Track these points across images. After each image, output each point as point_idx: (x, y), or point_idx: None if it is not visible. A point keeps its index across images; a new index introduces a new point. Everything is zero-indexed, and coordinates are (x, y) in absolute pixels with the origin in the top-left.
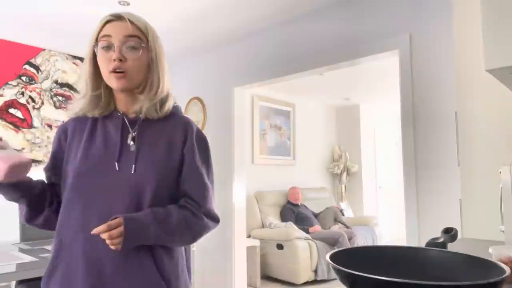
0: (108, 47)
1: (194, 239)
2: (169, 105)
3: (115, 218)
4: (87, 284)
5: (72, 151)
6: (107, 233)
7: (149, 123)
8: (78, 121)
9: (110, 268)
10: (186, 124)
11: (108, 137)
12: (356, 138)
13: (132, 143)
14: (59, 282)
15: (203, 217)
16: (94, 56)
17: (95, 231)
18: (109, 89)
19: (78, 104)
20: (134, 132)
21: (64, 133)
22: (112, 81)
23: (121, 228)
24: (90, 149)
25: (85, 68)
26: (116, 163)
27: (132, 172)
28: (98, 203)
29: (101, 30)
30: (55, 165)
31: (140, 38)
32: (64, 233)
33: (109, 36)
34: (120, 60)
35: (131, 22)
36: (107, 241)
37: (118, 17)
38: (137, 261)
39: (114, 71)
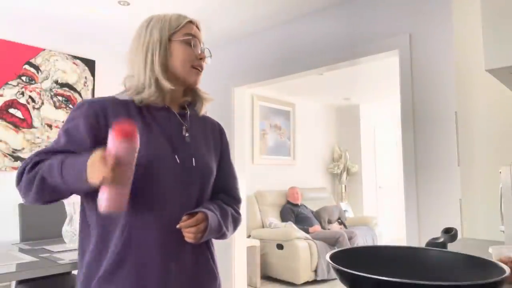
0: (194, 45)
1: (232, 233)
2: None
3: (196, 212)
4: (160, 275)
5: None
6: (196, 227)
7: (192, 119)
8: (117, 103)
9: (182, 259)
10: (220, 125)
11: (165, 128)
12: (356, 138)
13: (187, 134)
14: (126, 276)
15: (240, 214)
16: (161, 46)
17: (183, 224)
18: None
19: (145, 90)
20: (187, 125)
21: (104, 112)
22: (192, 75)
23: (206, 223)
24: (150, 138)
25: (154, 57)
26: (176, 156)
27: (195, 164)
28: (170, 194)
29: (183, 26)
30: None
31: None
32: (132, 225)
33: (194, 36)
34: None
35: (200, 33)
36: (189, 235)
37: (196, 25)
38: (200, 253)
39: (196, 67)
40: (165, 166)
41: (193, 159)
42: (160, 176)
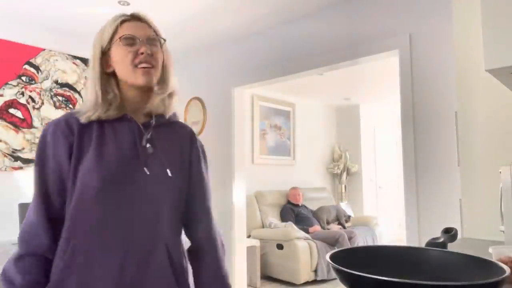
0: (132, 43)
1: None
2: (175, 102)
3: None
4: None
5: (83, 155)
6: None
7: (158, 128)
8: (83, 123)
9: (131, 274)
10: (192, 132)
11: (122, 142)
12: (356, 138)
13: (149, 145)
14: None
15: (216, 240)
16: (101, 58)
17: None
18: (119, 91)
19: (89, 108)
20: (148, 135)
21: (71, 132)
22: (137, 75)
23: None
24: (105, 154)
25: (94, 70)
26: (145, 168)
27: (160, 175)
28: (121, 213)
29: (116, 30)
30: (61, 176)
31: (158, 37)
32: (80, 242)
33: (131, 36)
34: (148, 54)
35: (149, 24)
36: None
37: (136, 18)
38: (157, 265)
39: (140, 65)
40: (124, 181)
41: (145, 168)
42: (118, 192)
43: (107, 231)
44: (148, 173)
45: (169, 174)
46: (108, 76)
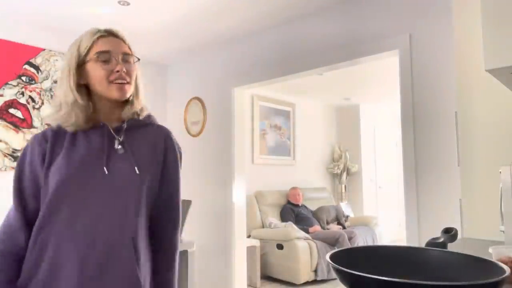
0: (108, 59)
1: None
2: (146, 111)
3: None
4: (75, 281)
5: (54, 159)
6: None
7: (131, 131)
8: (57, 132)
9: (94, 267)
10: (167, 131)
11: (91, 145)
12: (356, 138)
13: (120, 147)
14: (42, 282)
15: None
16: (76, 70)
17: None
18: (91, 101)
19: (62, 117)
20: (120, 138)
21: (45, 141)
22: (113, 90)
23: None
24: (72, 156)
25: (69, 80)
26: (104, 167)
27: (127, 173)
28: (86, 208)
29: (92, 45)
30: (36, 180)
31: (131, 53)
32: (48, 236)
33: (107, 51)
34: (123, 72)
35: (123, 40)
36: None
37: (112, 34)
38: (119, 261)
39: (116, 81)
40: (84, 180)
41: (105, 168)
42: (77, 191)
43: (73, 225)
44: (106, 172)
45: (137, 171)
46: (80, 87)
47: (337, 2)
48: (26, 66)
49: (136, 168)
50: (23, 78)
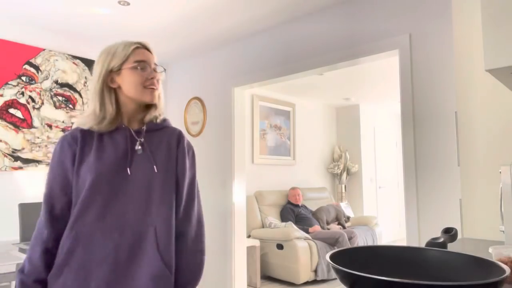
0: (144, 68)
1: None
2: (163, 115)
3: None
4: (106, 270)
5: (84, 159)
6: None
7: (149, 133)
8: (85, 133)
9: (126, 253)
10: (180, 133)
11: (116, 146)
12: (356, 138)
13: (140, 147)
14: (74, 271)
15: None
16: (107, 75)
17: None
18: (116, 104)
19: (93, 120)
20: (141, 139)
21: (75, 142)
22: (146, 94)
23: None
24: (102, 157)
25: (98, 84)
26: (128, 168)
27: (148, 172)
28: (115, 203)
29: (131, 54)
30: (66, 178)
31: (159, 66)
32: (82, 228)
33: (144, 61)
34: (156, 79)
35: (152, 53)
36: None
37: (145, 47)
38: (144, 251)
39: (149, 86)
40: (113, 178)
41: (128, 168)
42: (107, 188)
43: (104, 217)
44: (129, 172)
45: (155, 170)
46: (109, 90)
47: (337, 2)
48: (26, 66)
49: (155, 167)
50: (23, 78)
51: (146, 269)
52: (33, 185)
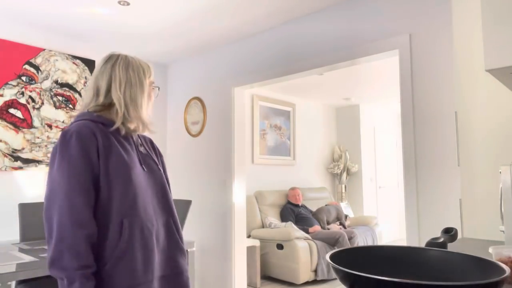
0: (154, 90)
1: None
2: None
3: None
4: (157, 249)
5: (108, 153)
6: None
7: (139, 137)
8: (98, 127)
9: (163, 239)
10: (150, 138)
11: (127, 145)
12: (356, 138)
13: (142, 147)
14: (141, 253)
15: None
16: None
17: None
18: None
19: (132, 123)
20: (139, 139)
21: (94, 136)
22: (150, 109)
23: None
24: (123, 153)
25: (142, 95)
26: (142, 165)
27: (157, 169)
28: (145, 196)
29: (151, 74)
30: (93, 171)
31: None
32: (125, 220)
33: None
34: None
35: None
36: None
37: None
38: (173, 232)
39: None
40: (137, 173)
41: (143, 166)
42: (138, 180)
43: (145, 208)
44: (145, 169)
45: (160, 168)
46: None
47: (337, 2)
48: (26, 66)
49: (157, 165)
50: (23, 78)
51: (175, 245)
52: (33, 185)
